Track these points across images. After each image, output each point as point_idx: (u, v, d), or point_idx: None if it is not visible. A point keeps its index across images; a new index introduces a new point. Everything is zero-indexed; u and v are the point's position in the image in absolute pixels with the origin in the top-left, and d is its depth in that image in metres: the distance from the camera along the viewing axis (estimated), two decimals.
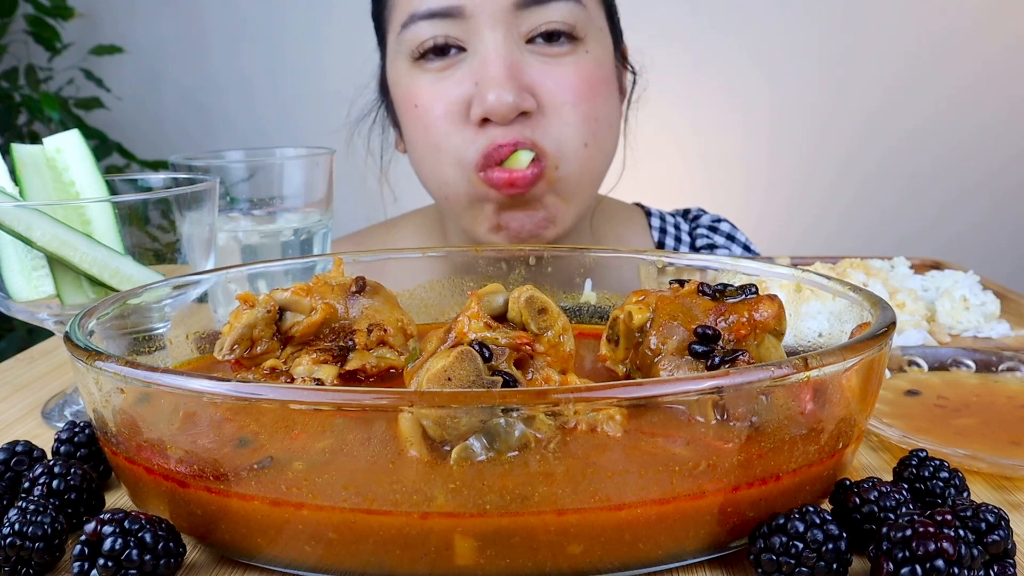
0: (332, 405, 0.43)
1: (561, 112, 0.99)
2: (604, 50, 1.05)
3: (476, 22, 0.98)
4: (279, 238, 0.88)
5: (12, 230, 0.64)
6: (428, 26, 1.00)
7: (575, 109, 1.00)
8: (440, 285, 0.80)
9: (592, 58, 1.02)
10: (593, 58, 1.02)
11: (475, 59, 0.99)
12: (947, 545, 0.40)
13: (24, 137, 2.47)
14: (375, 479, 0.43)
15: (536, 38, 1.00)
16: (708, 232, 1.29)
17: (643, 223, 1.29)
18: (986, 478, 0.57)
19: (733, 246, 1.27)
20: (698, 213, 1.33)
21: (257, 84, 2.69)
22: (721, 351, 0.55)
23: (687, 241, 1.28)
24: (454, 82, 1.00)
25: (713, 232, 1.29)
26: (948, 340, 0.86)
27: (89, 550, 0.44)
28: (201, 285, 0.70)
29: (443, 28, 0.99)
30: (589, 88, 1.01)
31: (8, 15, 2.45)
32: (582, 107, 1.00)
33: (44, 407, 0.73)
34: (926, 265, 1.12)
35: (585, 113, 1.00)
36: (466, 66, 0.99)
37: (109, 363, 0.47)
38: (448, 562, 0.43)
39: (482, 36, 0.98)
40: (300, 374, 0.60)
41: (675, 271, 0.74)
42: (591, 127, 1.01)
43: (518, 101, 0.96)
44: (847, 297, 0.61)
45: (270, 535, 0.45)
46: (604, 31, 1.06)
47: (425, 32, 1.00)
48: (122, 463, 0.50)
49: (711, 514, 0.45)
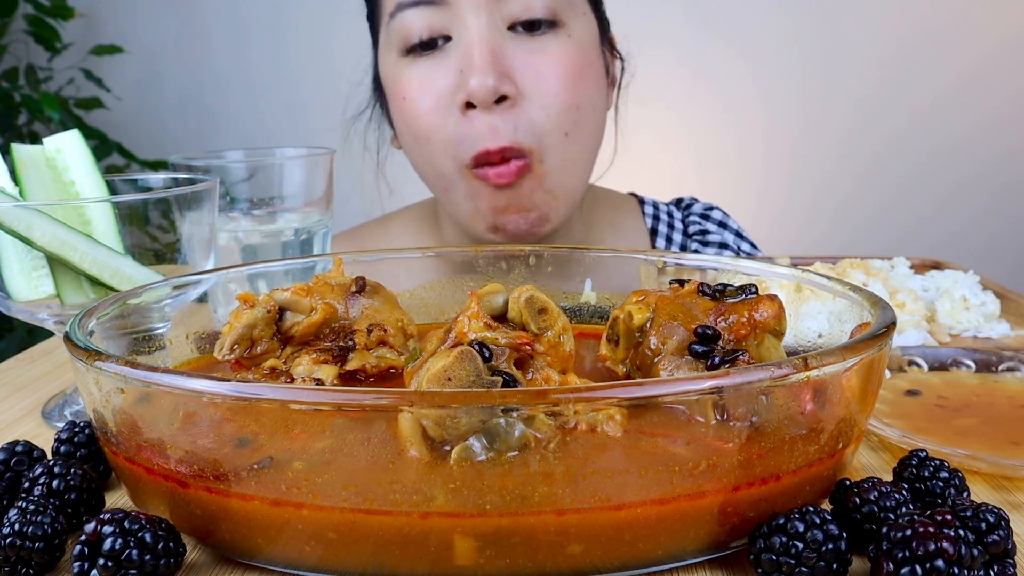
0: (332, 405, 0.43)
1: (541, 101, 1.01)
2: (588, 35, 1.06)
3: (459, 8, 1.00)
4: (279, 238, 0.88)
5: (12, 230, 0.64)
6: (414, 14, 1.02)
7: (555, 98, 1.01)
8: (440, 285, 0.80)
9: (574, 42, 1.04)
10: (576, 42, 1.04)
11: (459, 46, 1.01)
12: (947, 545, 0.40)
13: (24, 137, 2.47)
14: (375, 479, 0.43)
15: (517, 25, 1.02)
16: (700, 219, 1.30)
17: (636, 211, 1.30)
18: (986, 478, 0.57)
19: (725, 232, 1.29)
20: (691, 202, 1.34)
21: (257, 84, 2.69)
22: (721, 351, 0.55)
23: (680, 228, 1.29)
24: (441, 72, 1.02)
25: (705, 219, 1.30)
26: (948, 340, 0.86)
27: (89, 550, 0.44)
28: (201, 285, 0.70)
29: (428, 16, 1.01)
30: (571, 72, 1.03)
31: (8, 15, 2.45)
32: (563, 96, 1.02)
33: (44, 407, 0.73)
34: (926, 265, 1.12)
35: (566, 101, 1.02)
36: (451, 56, 1.01)
37: (109, 363, 0.47)
38: (448, 562, 0.43)
39: (465, 23, 1.00)
40: (300, 374, 0.60)
41: (675, 271, 0.74)
42: (572, 115, 1.03)
43: (497, 85, 0.98)
44: (847, 297, 0.61)
45: (270, 535, 0.45)
46: (588, 15, 1.07)
47: (411, 21, 1.02)
48: (122, 463, 0.50)
49: (711, 514, 0.45)
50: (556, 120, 1.02)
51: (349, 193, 1.32)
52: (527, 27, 1.02)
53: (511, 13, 1.01)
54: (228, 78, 2.71)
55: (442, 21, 1.01)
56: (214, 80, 2.72)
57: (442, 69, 1.02)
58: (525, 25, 1.02)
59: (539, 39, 1.02)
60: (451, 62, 1.01)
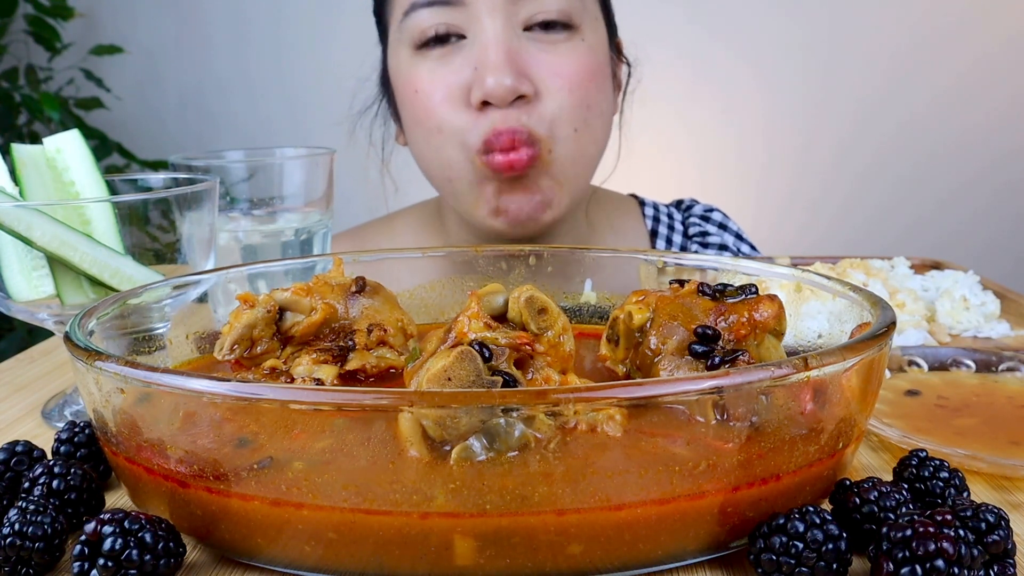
0: (332, 405, 0.43)
1: (556, 97, 1.02)
2: (599, 40, 1.08)
3: (475, 9, 1.01)
4: (279, 238, 0.88)
5: (12, 230, 0.64)
6: (429, 14, 1.02)
7: (570, 95, 1.02)
8: (440, 285, 0.80)
9: (587, 46, 1.05)
10: (588, 47, 1.05)
11: (474, 46, 1.01)
12: (947, 545, 0.40)
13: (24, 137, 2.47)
14: (375, 479, 0.43)
15: (533, 27, 1.02)
16: (700, 221, 1.30)
17: (637, 213, 1.31)
18: (986, 478, 0.57)
19: (725, 234, 1.29)
20: (691, 203, 1.35)
21: (257, 84, 2.69)
22: (721, 351, 0.55)
23: (680, 230, 1.30)
24: (454, 68, 1.02)
25: (705, 221, 1.31)
26: (948, 340, 0.86)
27: (89, 550, 0.44)
28: (201, 285, 0.70)
29: (443, 15, 1.02)
30: (584, 75, 1.04)
31: (8, 15, 2.45)
32: (576, 93, 1.03)
33: (44, 407, 0.73)
34: (926, 265, 1.12)
35: (579, 99, 1.03)
36: (465, 53, 1.02)
37: (109, 363, 0.47)
38: (448, 562, 0.43)
39: (481, 23, 1.01)
40: (300, 374, 0.60)
41: (675, 271, 0.74)
42: (582, 114, 1.04)
43: (516, 84, 0.99)
44: (847, 297, 0.61)
45: (270, 535, 0.45)
46: (599, 21, 1.09)
47: (426, 20, 1.02)
48: (122, 463, 0.50)
49: (711, 514, 0.45)
50: (568, 116, 1.03)
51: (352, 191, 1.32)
52: (543, 27, 1.03)
53: (527, 15, 1.02)
54: (228, 78, 2.71)
55: (457, 20, 1.02)
56: (214, 80, 2.72)
57: (456, 64, 1.02)
58: (541, 26, 1.03)
59: (554, 41, 1.03)
60: (465, 59, 1.02)
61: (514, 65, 1.00)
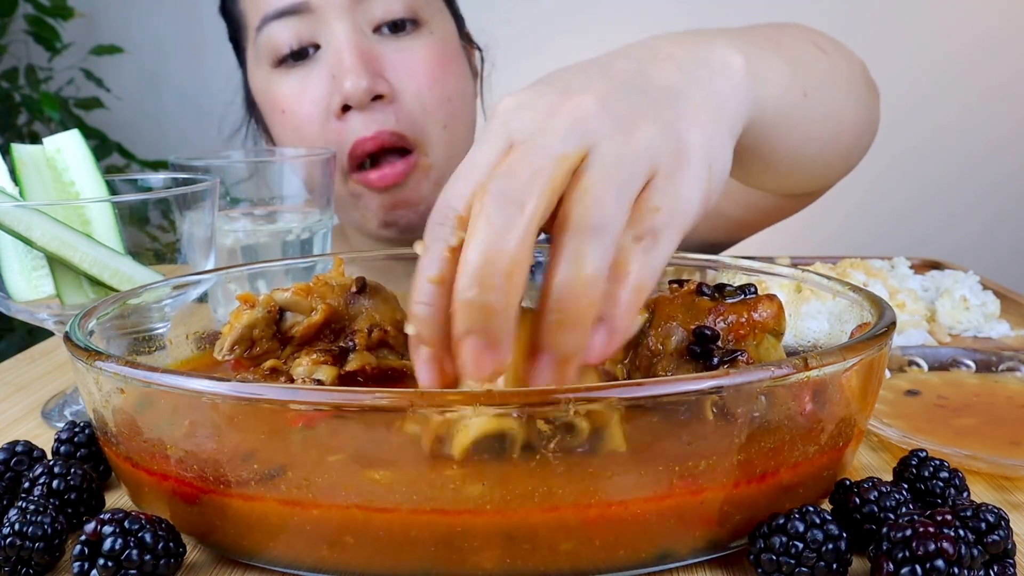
0: (332, 405, 0.43)
1: (417, 95, 1.03)
2: (447, 30, 1.10)
3: (324, 15, 1.02)
4: (279, 238, 0.88)
5: (12, 230, 0.64)
6: (280, 25, 1.03)
7: (429, 91, 1.04)
8: None
9: (437, 38, 1.07)
10: (439, 38, 1.07)
11: (329, 53, 1.02)
12: (947, 545, 0.40)
13: (24, 137, 2.47)
14: (375, 479, 0.43)
15: (382, 27, 1.04)
16: None
17: None
18: (986, 478, 0.57)
19: None
20: None
21: None
22: (720, 351, 0.54)
23: None
24: (314, 80, 1.03)
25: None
26: (948, 340, 0.86)
27: (89, 550, 0.44)
28: (201, 285, 0.70)
29: (294, 25, 1.03)
30: (439, 66, 1.06)
31: (8, 15, 2.45)
32: (435, 88, 1.04)
33: (44, 407, 0.73)
34: (926, 265, 1.12)
35: (439, 94, 1.05)
36: (322, 63, 1.03)
37: (109, 363, 0.47)
38: (448, 562, 0.43)
39: (332, 29, 1.02)
40: (300, 375, 0.60)
41: (674, 271, 0.74)
42: (447, 108, 1.05)
43: (371, 85, 1.00)
44: (847, 297, 0.61)
45: (271, 535, 0.45)
46: (444, 12, 1.11)
47: (279, 32, 1.03)
48: (122, 463, 0.50)
49: (711, 514, 0.45)
50: (433, 114, 1.04)
51: None
52: (392, 28, 1.04)
53: (374, 16, 1.03)
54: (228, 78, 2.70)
55: (309, 29, 1.02)
56: (214, 80, 2.71)
57: (315, 77, 1.03)
58: (390, 27, 1.04)
59: (404, 39, 1.04)
60: (323, 69, 1.03)
61: (368, 66, 1.01)
